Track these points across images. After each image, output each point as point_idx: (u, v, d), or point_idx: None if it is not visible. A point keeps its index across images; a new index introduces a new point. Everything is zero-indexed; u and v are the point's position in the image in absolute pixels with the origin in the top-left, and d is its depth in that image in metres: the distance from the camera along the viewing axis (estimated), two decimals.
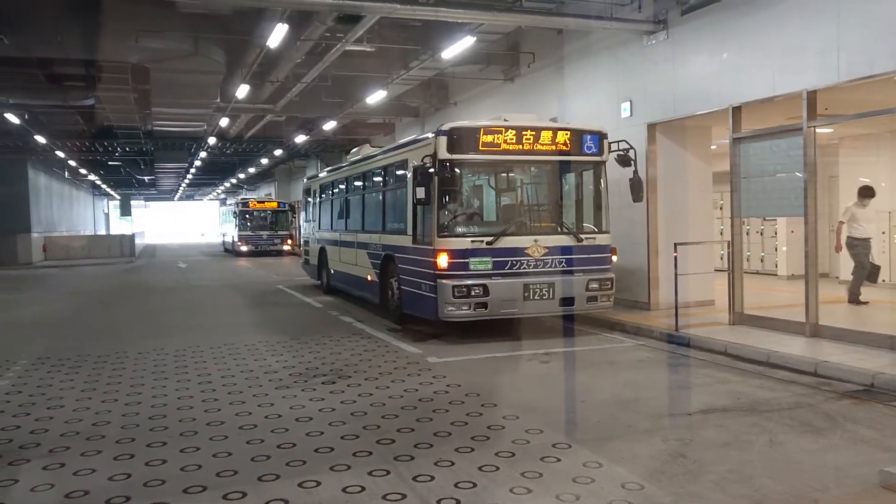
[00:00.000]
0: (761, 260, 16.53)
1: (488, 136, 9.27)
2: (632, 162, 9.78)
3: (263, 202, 35.72)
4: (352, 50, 13.96)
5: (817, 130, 8.62)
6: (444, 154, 9.06)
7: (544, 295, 9.22)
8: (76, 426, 5.81)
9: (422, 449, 5.06)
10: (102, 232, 56.68)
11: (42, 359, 8.70)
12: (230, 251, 37.07)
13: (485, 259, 9.06)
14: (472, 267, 9.02)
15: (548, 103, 13.81)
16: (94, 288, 19.46)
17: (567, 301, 9.36)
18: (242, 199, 39.17)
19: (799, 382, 6.93)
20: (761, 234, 16.51)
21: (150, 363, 8.34)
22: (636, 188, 9.87)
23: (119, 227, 63.56)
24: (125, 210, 60.67)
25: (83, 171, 39.61)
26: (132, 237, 36.86)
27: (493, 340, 9.36)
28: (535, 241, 9.29)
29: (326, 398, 6.54)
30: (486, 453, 4.93)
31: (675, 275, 9.34)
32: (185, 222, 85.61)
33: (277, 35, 11.75)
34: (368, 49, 14.60)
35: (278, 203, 35.44)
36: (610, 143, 9.85)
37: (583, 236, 9.61)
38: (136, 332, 11.00)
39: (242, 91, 16.94)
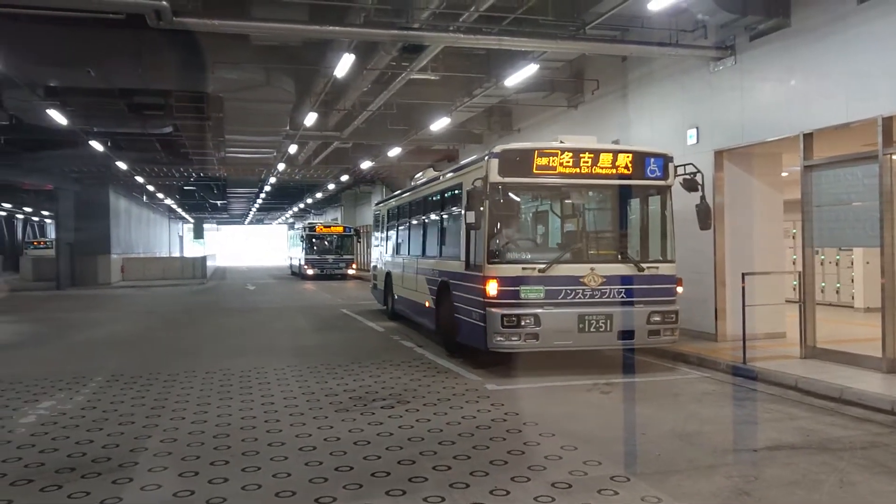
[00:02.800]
0: (837, 291, 15.88)
1: (543, 158, 8.92)
2: (699, 187, 9.30)
3: (329, 227, 36.43)
4: (416, 78, 14.22)
5: (894, 158, 8.30)
6: (495, 177, 8.80)
7: (601, 327, 8.74)
8: (145, 442, 6.02)
9: (478, 477, 5.04)
10: (176, 254, 58.78)
11: (116, 376, 9.06)
12: (296, 274, 37.87)
13: (537, 288, 8.67)
14: (522, 296, 8.63)
15: (612, 130, 13.71)
16: (166, 309, 20.17)
17: (626, 334, 8.84)
18: (309, 223, 40.06)
19: (874, 421, 6.62)
20: (837, 264, 15.89)
21: (216, 383, 8.59)
22: (703, 215, 9.33)
23: (192, 249, 65.78)
24: (198, 233, 62.95)
25: (160, 195, 41.26)
26: (204, 259, 38.09)
27: (552, 369, 9.26)
28: (592, 269, 8.85)
29: (385, 422, 6.60)
30: (542, 483, 4.88)
31: (743, 306, 9.08)
32: (254, 246, 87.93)
33: (344, 65, 12.08)
34: (432, 77, 14.85)
35: (344, 228, 36.11)
36: (676, 167, 9.40)
37: (644, 265, 9.09)
38: (204, 353, 11.34)
39: (311, 119, 17.43)
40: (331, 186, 38.11)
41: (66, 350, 12.09)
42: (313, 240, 34.74)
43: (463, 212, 9.41)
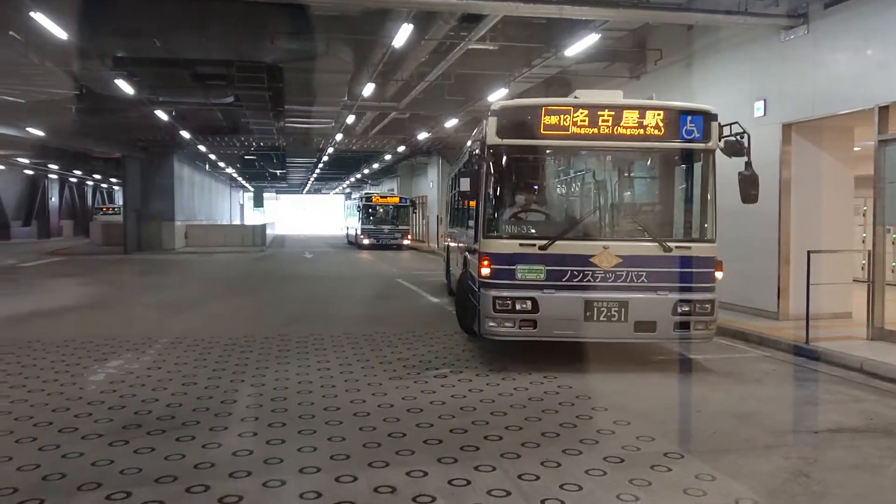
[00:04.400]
0: None
1: (552, 116, 7.57)
2: (744, 151, 7.64)
3: (386, 197, 36.70)
4: (474, 48, 14.08)
5: None
6: (493, 139, 7.60)
7: (613, 316, 7.45)
8: (206, 403, 6.23)
9: (529, 448, 5.06)
10: (237, 222, 60.13)
11: (179, 339, 9.37)
12: (353, 243, 38.36)
13: (536, 267, 7.51)
14: (519, 276, 7.51)
15: (676, 101, 13.33)
16: (227, 275, 20.71)
17: (645, 326, 7.50)
18: (366, 193, 40.41)
19: None
20: None
21: (274, 348, 8.80)
22: (748, 185, 7.66)
23: (252, 217, 67.20)
24: (258, 202, 64.15)
25: (221, 164, 42.16)
26: (263, 227, 38.89)
27: (606, 344, 9.18)
28: (606, 248, 7.52)
29: (437, 391, 6.67)
30: (594, 457, 4.87)
31: (808, 284, 8.80)
32: (312, 215, 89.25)
33: (403, 35, 12.04)
34: (491, 47, 14.67)
35: (400, 198, 36.33)
36: (721, 127, 7.78)
37: (673, 244, 7.62)
38: (263, 318, 11.63)
39: (368, 89, 17.48)
40: (387, 157, 38.28)
41: (133, 312, 12.57)
42: (370, 210, 35.09)
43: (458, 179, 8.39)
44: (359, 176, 54.67)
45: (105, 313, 12.39)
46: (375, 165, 44.53)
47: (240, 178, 57.12)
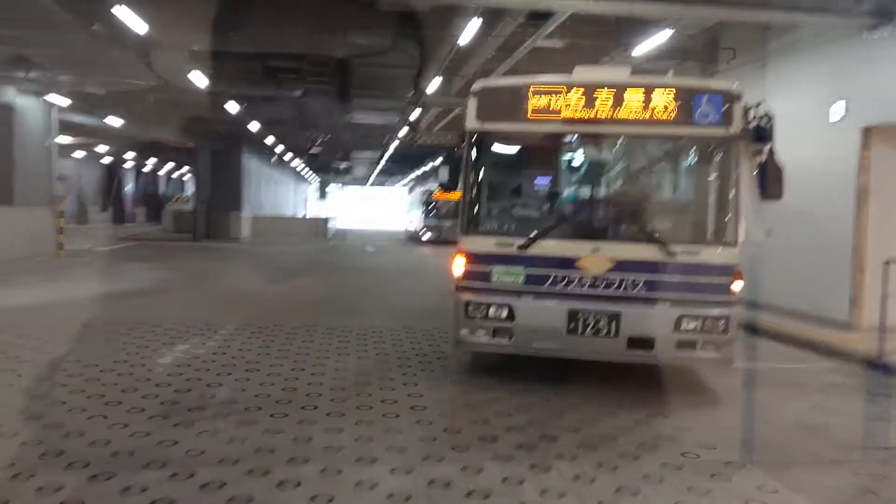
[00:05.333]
0: None
1: (541, 98, 6.62)
2: (769, 136, 6.37)
3: (448, 193, 36.74)
4: (541, 45, 13.97)
5: None
6: (473, 123, 6.75)
7: (601, 330, 6.37)
8: (268, 389, 6.39)
9: (585, 450, 5.02)
10: (301, 214, 61.30)
11: (244, 326, 9.62)
12: (414, 238, 38.63)
13: (514, 270, 6.57)
14: (495, 279, 6.61)
15: (748, 101, 12.97)
16: (290, 265, 21.15)
17: (641, 343, 6.37)
18: (428, 189, 40.57)
19: None
20: None
21: (335, 338, 8.95)
22: (771, 177, 6.31)
23: (316, 210, 68.37)
24: (322, 194, 65.24)
25: (288, 156, 43.00)
26: (326, 220, 39.52)
27: None
28: (596, 250, 6.44)
29: (494, 388, 6.66)
30: (652, 462, 4.80)
31: (883, 295, 8.43)
32: (374, 208, 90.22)
33: (470, 31, 12.05)
34: (558, 45, 14.54)
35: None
36: (748, 110, 6.51)
37: (678, 248, 6.38)
38: (325, 309, 11.83)
39: (434, 85, 17.56)
40: None
41: (200, 298, 12.96)
42: (431, 205, 35.25)
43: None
44: (422, 170, 55.01)
45: (173, 298, 12.81)
46: (439, 160, 44.67)
47: (305, 171, 58.14)
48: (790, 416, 6.25)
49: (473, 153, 6.84)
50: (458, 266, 6.75)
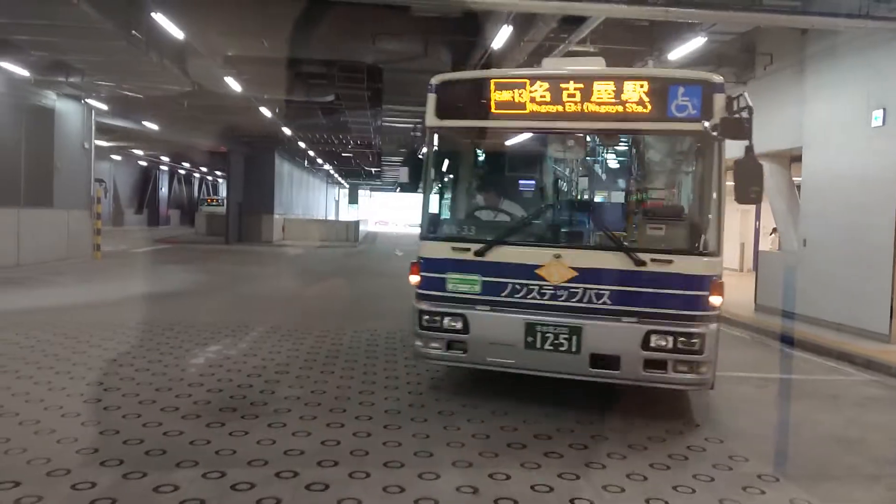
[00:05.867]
0: None
1: (504, 92, 6.13)
2: (745, 132, 5.61)
3: None
4: (574, 50, 13.91)
5: None
6: (432, 120, 6.36)
7: (562, 345, 5.80)
8: (297, 391, 6.43)
9: (614, 459, 4.96)
10: (332, 217, 61.77)
11: (274, 328, 9.70)
12: None
13: (470, 278, 6.09)
14: (450, 287, 6.15)
15: (785, 108, 12.77)
16: (321, 268, 21.31)
17: (605, 361, 5.76)
18: None
19: None
20: None
21: (363, 342, 8.98)
22: (747, 177, 5.59)
23: (346, 213, 68.82)
24: (353, 198, 65.69)
25: (319, 160, 43.36)
26: (357, 224, 39.77)
27: None
28: (558, 256, 5.87)
29: (524, 397, 6.62)
30: (682, 474, 4.73)
31: None
32: (403, 213, 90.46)
33: (502, 37, 12.04)
34: (591, 49, 14.46)
35: None
36: (732, 101, 5.80)
37: (648, 257, 5.70)
38: (354, 312, 11.88)
39: None
40: None
41: (232, 300, 13.11)
42: None
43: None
44: None
45: (205, 300, 12.98)
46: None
47: (335, 175, 58.56)
48: (825, 428, 6.11)
49: (433, 152, 6.42)
50: (414, 273, 6.38)
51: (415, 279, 6.37)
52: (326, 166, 48.09)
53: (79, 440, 4.90)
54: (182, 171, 55.80)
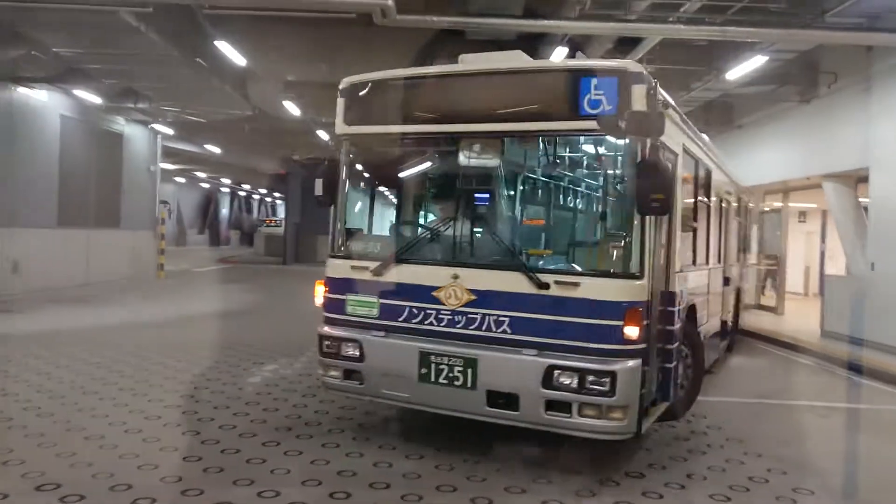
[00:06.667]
0: None
1: (407, 92, 5.76)
2: (652, 130, 4.72)
3: None
4: None
5: None
6: (340, 127, 5.89)
7: (456, 379, 5.06)
8: (350, 413, 6.46)
9: (672, 489, 4.83)
10: None
11: None
12: None
13: (368, 300, 5.54)
14: (349, 310, 5.63)
15: (850, 127, 12.40)
16: None
17: (502, 399, 4.96)
18: None
19: None
20: None
21: None
22: (649, 182, 4.60)
23: None
24: None
25: None
26: None
27: (763, 386, 8.61)
28: (456, 277, 5.19)
29: None
30: None
31: None
32: None
33: (556, 58, 12.02)
34: (648, 69, 14.33)
35: None
36: (652, 95, 4.83)
37: (552, 278, 4.90)
38: None
39: None
40: None
41: (288, 320, 13.33)
42: None
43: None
44: None
45: (263, 319, 13.23)
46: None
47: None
48: (894, 459, 5.84)
49: (342, 162, 5.92)
50: (320, 293, 5.90)
51: (319, 300, 5.89)
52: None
53: (140, 456, 5.03)
54: (242, 193, 57.28)
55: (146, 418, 6.04)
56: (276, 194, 53.33)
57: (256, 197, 61.51)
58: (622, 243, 4.92)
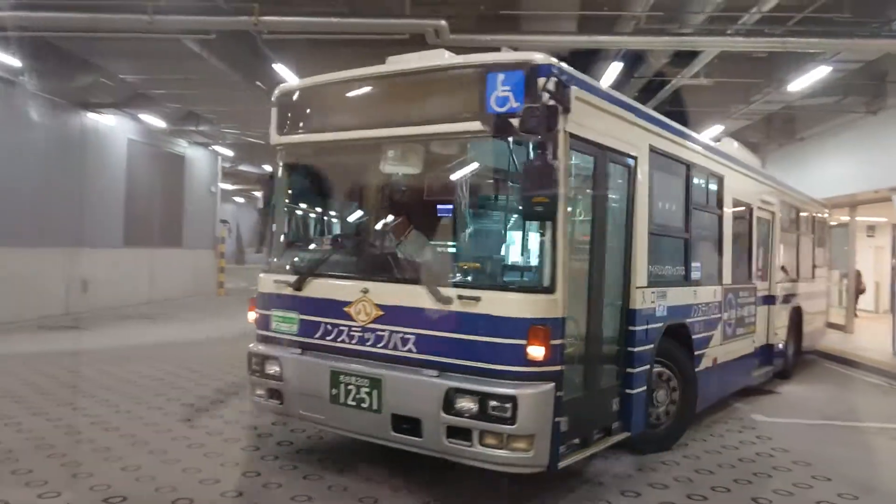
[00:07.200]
0: None
1: (328, 99, 5.56)
2: (539, 127, 4.17)
3: None
4: (686, 84, 13.60)
5: None
6: (273, 137, 5.74)
7: (363, 401, 4.73)
8: None
9: (740, 483, 4.67)
10: None
11: None
12: None
13: (289, 316, 5.30)
14: (274, 326, 5.41)
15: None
16: None
17: (407, 424, 4.57)
18: None
19: None
20: None
21: None
22: (533, 184, 4.12)
23: None
24: None
25: None
26: None
27: (833, 407, 8.28)
28: (365, 292, 4.87)
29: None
30: None
31: None
32: None
33: (611, 74, 11.94)
34: (705, 83, 14.08)
35: None
36: (563, 88, 4.44)
37: (455, 292, 4.49)
38: None
39: None
40: None
41: None
42: None
43: None
44: None
45: None
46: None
47: None
48: None
49: (275, 173, 5.79)
50: (252, 309, 5.72)
51: (251, 316, 5.69)
52: None
53: (202, 471, 5.12)
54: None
55: (207, 433, 6.15)
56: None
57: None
58: (528, 253, 4.47)
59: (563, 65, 4.61)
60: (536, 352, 4.19)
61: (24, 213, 12.87)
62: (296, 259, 5.64)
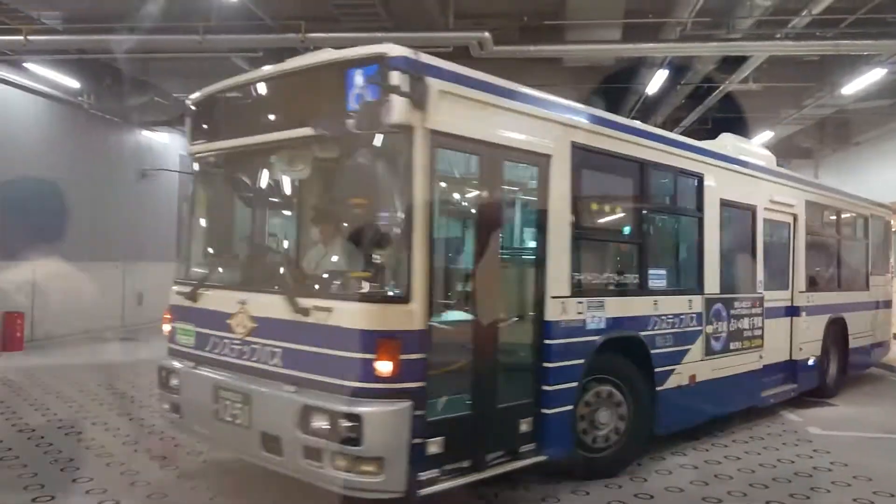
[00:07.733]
0: None
1: (227, 106, 5.40)
2: (377, 121, 4.04)
3: None
4: (735, 90, 13.38)
5: None
6: (188, 146, 5.63)
7: (237, 417, 4.52)
8: None
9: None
10: None
11: None
12: None
13: (187, 328, 5.11)
14: (177, 338, 5.23)
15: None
16: None
17: (272, 443, 4.33)
18: None
19: None
20: None
21: None
22: (351, 183, 4.47)
23: None
24: None
25: None
26: None
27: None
28: (243, 304, 4.65)
29: (689, 455, 6.27)
30: None
31: None
32: None
33: (657, 82, 11.84)
34: (754, 88, 13.83)
35: None
36: (416, 80, 4.09)
37: (311, 303, 4.23)
38: None
39: None
40: None
41: None
42: None
43: None
44: None
45: None
46: None
47: None
48: None
49: (193, 181, 5.67)
50: (165, 321, 5.46)
51: (166, 327, 5.44)
52: None
53: (168, 496, 4.95)
54: None
55: (204, 465, 6.06)
56: None
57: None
58: (379, 261, 4.16)
59: (424, 56, 4.24)
60: (384, 367, 3.91)
61: (83, 228, 13.31)
62: (196, 270, 5.50)
